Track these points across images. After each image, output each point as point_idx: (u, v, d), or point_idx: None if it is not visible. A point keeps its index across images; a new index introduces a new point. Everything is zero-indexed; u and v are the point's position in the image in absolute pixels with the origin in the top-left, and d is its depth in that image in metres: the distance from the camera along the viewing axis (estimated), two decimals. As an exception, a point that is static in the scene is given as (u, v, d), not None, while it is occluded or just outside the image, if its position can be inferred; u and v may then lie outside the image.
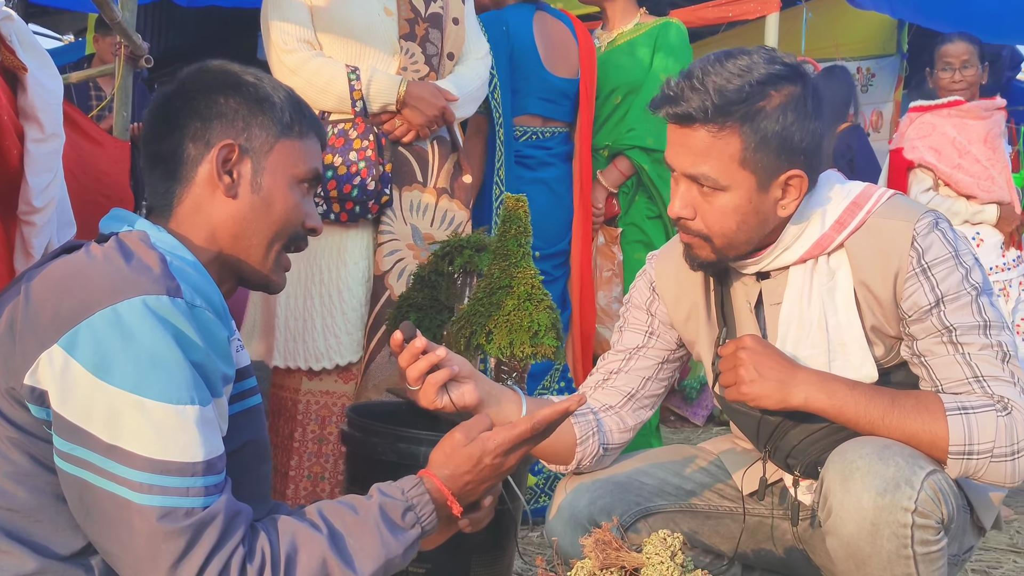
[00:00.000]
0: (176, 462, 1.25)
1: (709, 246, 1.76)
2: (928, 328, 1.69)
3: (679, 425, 5.45)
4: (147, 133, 1.54)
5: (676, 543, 1.55)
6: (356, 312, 2.71)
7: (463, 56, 2.93)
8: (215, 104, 1.50)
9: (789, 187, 1.72)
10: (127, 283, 1.28)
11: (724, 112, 1.65)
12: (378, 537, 1.38)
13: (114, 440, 1.24)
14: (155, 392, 1.25)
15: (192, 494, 1.26)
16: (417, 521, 1.44)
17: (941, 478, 1.62)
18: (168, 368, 1.26)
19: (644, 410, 2.03)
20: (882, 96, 7.67)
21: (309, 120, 1.59)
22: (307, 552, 1.33)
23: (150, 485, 1.23)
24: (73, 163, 2.62)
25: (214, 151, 1.48)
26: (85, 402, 1.24)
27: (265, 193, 1.52)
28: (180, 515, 1.24)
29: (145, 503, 1.23)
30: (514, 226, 2.22)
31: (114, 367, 1.24)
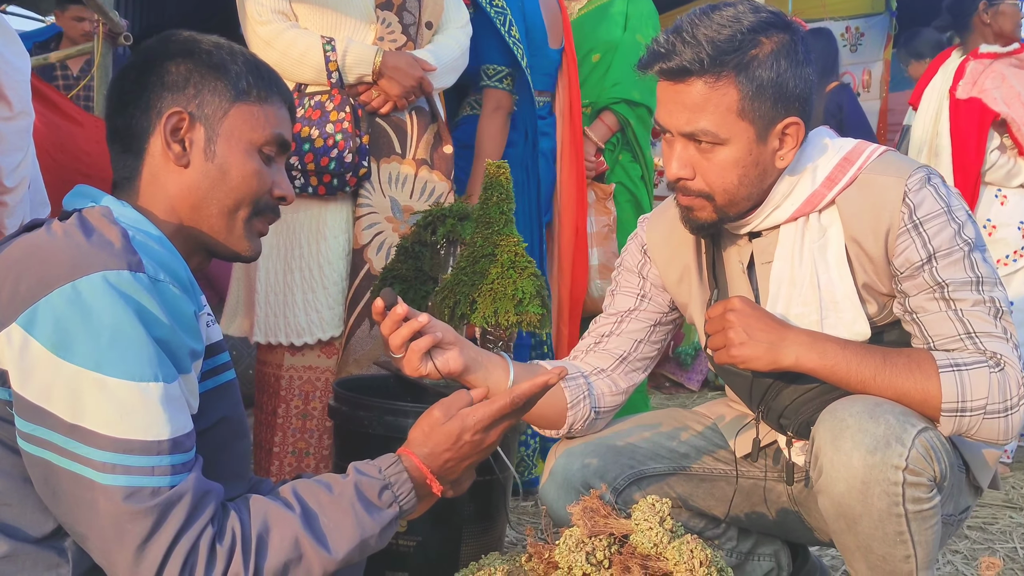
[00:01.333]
0: (140, 440, 1.22)
1: (711, 205, 1.74)
2: (920, 284, 1.67)
3: (674, 391, 5.45)
4: (107, 107, 1.52)
5: (665, 508, 1.54)
6: (337, 286, 2.68)
7: (442, 25, 2.88)
8: (166, 73, 1.46)
9: (786, 136, 1.70)
10: (87, 259, 1.24)
11: (719, 62, 1.62)
12: (353, 516, 1.35)
13: (76, 420, 1.20)
14: (117, 369, 1.21)
15: (158, 473, 1.22)
16: (395, 500, 1.41)
17: (933, 436, 1.60)
18: (130, 344, 1.23)
19: (636, 373, 2.01)
20: (872, 55, 7.62)
21: (270, 84, 1.54)
22: (279, 532, 1.30)
23: (113, 465, 1.20)
24: (49, 143, 2.60)
25: (162, 120, 1.44)
26: (45, 381, 1.21)
27: (220, 160, 1.47)
28: (146, 495, 1.21)
29: (109, 483, 1.20)
30: (496, 193, 2.19)
31: (74, 345, 1.21)
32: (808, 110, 1.71)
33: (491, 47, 3.21)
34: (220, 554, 1.25)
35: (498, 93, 3.22)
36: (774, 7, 1.78)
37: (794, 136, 1.70)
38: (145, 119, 1.45)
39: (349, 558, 1.35)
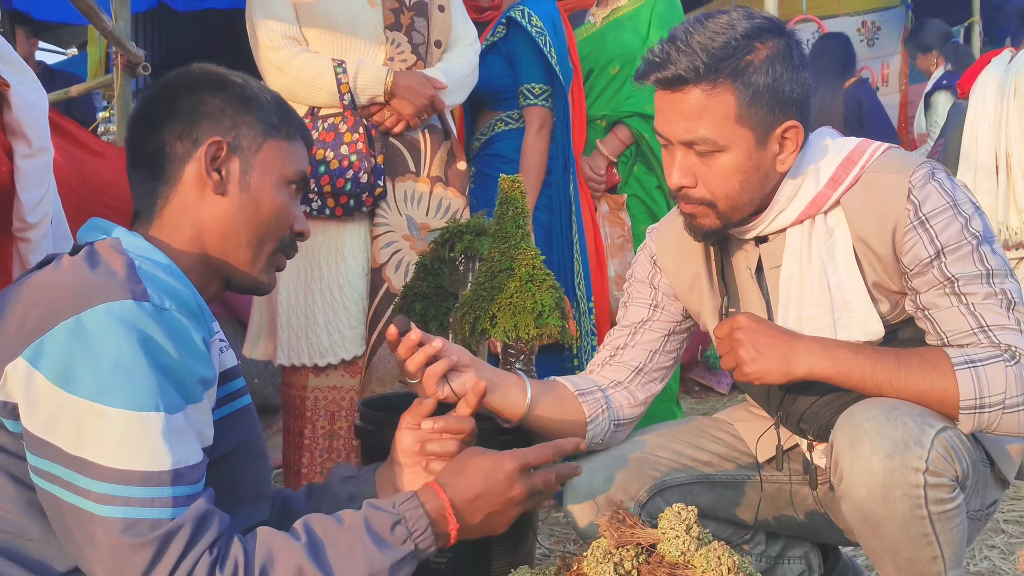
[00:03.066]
0: (140, 471, 1.21)
1: (713, 212, 1.74)
2: (930, 280, 1.66)
3: (704, 395, 5.42)
4: (131, 134, 1.53)
5: (691, 516, 1.54)
6: (357, 306, 2.70)
7: (451, 43, 2.91)
8: (202, 103, 1.49)
9: (786, 140, 1.70)
10: (90, 291, 1.26)
11: (714, 69, 1.62)
12: (361, 549, 1.32)
13: (78, 451, 1.21)
14: (117, 400, 1.21)
15: (158, 505, 1.22)
16: (409, 536, 1.37)
17: (953, 435, 1.59)
18: (131, 374, 1.23)
19: (654, 383, 2.01)
20: (889, 49, 7.59)
21: (296, 123, 1.59)
22: (283, 562, 1.28)
23: (113, 496, 1.20)
24: (71, 176, 2.62)
25: (202, 148, 1.47)
26: (49, 414, 1.22)
27: (254, 192, 1.50)
28: (145, 527, 1.20)
29: (108, 515, 1.20)
30: (511, 208, 2.20)
31: (76, 376, 1.21)
32: (806, 113, 1.71)
33: (532, 66, 3.28)
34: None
35: (543, 112, 3.29)
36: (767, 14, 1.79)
37: (794, 140, 1.70)
38: (181, 146, 1.48)
39: None
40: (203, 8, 6.87)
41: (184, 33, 7.63)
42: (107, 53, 5.34)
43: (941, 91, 5.88)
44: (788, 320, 1.76)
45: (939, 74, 6.07)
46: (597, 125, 3.68)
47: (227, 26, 6.80)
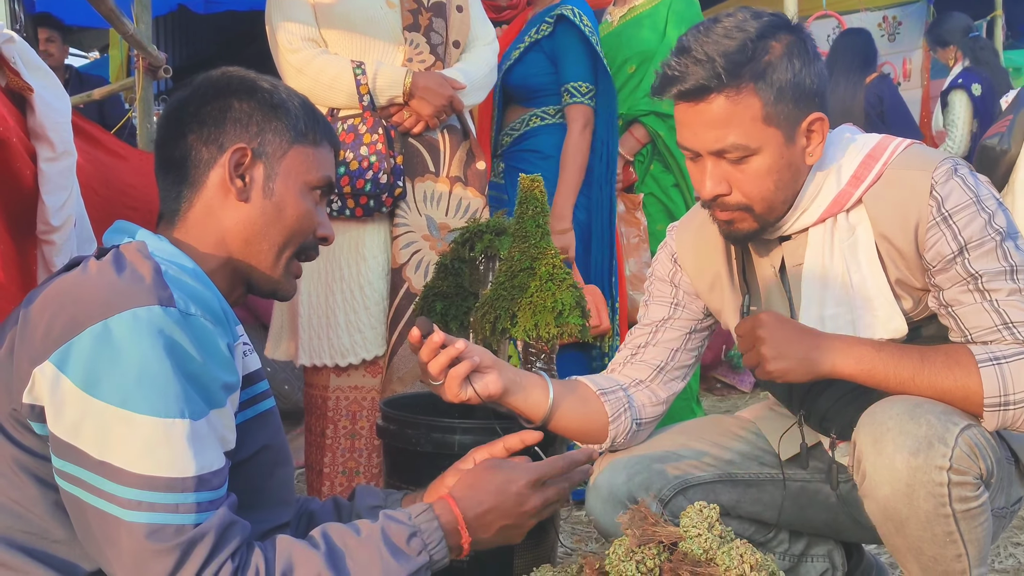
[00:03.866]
0: (165, 477, 1.22)
1: (751, 216, 1.73)
2: (953, 277, 1.65)
3: (726, 393, 5.41)
4: (159, 137, 1.54)
5: (713, 514, 1.54)
6: (379, 306, 2.71)
7: (469, 43, 2.91)
8: (229, 108, 1.50)
9: (812, 132, 1.70)
10: (117, 296, 1.26)
11: (736, 74, 1.62)
12: (379, 559, 1.33)
13: (103, 456, 1.22)
14: (143, 406, 1.22)
15: (182, 511, 1.23)
16: (424, 548, 1.38)
17: (977, 432, 1.58)
18: (157, 382, 1.23)
19: (676, 382, 2.01)
20: (910, 43, 7.54)
21: (323, 129, 1.59)
22: (302, 569, 1.29)
23: (138, 502, 1.21)
24: (94, 179, 2.64)
25: (227, 154, 1.47)
26: (75, 418, 1.23)
27: (277, 198, 1.51)
28: (169, 533, 1.21)
29: (133, 520, 1.21)
30: (531, 207, 2.20)
31: (103, 382, 1.22)
32: (826, 103, 1.71)
33: (581, 65, 3.29)
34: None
35: (588, 110, 3.30)
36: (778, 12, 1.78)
37: (820, 131, 1.70)
38: (207, 151, 1.48)
39: None
40: (223, 11, 6.91)
41: (204, 36, 7.67)
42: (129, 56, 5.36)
43: (957, 90, 5.80)
44: (810, 318, 1.75)
45: (957, 71, 5.98)
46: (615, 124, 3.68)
47: (247, 29, 6.85)
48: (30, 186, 1.85)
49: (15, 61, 1.81)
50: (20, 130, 1.83)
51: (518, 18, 3.62)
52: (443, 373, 1.69)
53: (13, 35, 1.82)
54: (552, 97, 3.35)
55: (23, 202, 1.85)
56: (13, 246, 1.83)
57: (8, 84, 1.82)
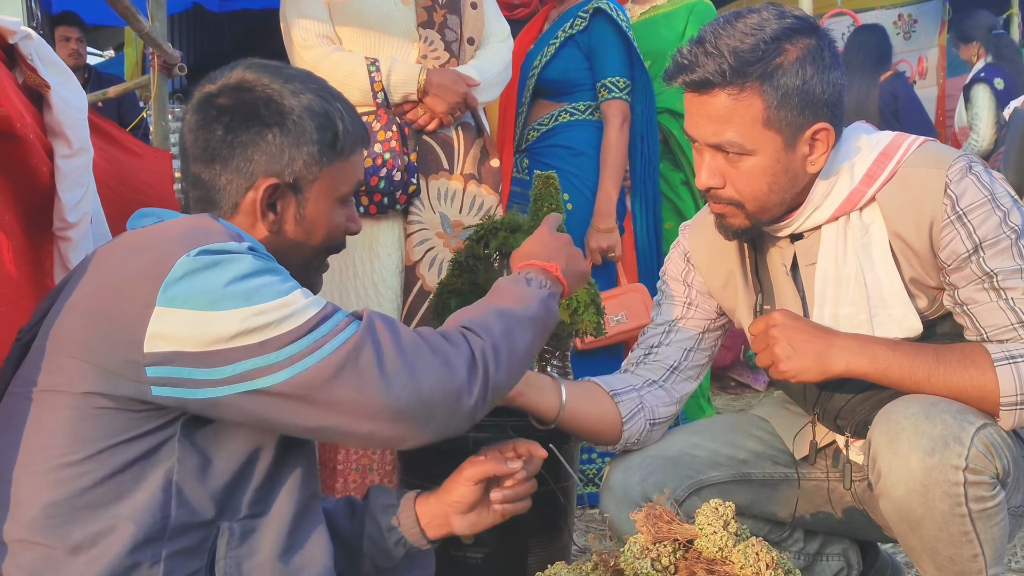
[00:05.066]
0: (313, 317, 1.33)
1: (742, 213, 1.73)
2: (968, 276, 1.64)
3: (740, 391, 5.39)
4: (192, 151, 1.53)
5: (728, 512, 1.53)
6: (392, 303, 2.71)
7: (483, 40, 2.91)
8: (262, 140, 1.49)
9: (816, 142, 1.68)
10: (194, 233, 1.35)
11: (742, 73, 1.61)
12: (518, 290, 1.55)
13: (261, 338, 1.30)
14: (264, 295, 1.31)
15: (344, 324, 1.35)
16: (540, 285, 1.59)
17: (993, 431, 1.57)
18: (264, 273, 1.34)
19: (689, 381, 2.01)
20: (926, 42, 7.50)
21: (353, 133, 1.58)
22: (477, 312, 1.49)
23: (312, 344, 1.31)
24: (110, 176, 2.65)
25: (260, 191, 1.49)
26: (217, 332, 1.29)
27: (308, 223, 1.55)
28: (351, 340, 1.33)
29: (319, 357, 1.31)
30: (546, 204, 2.19)
31: (221, 297, 1.29)
32: (838, 113, 1.69)
33: (617, 60, 3.29)
34: (455, 339, 1.42)
35: (625, 106, 3.30)
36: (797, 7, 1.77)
37: (824, 141, 1.68)
38: (237, 179, 1.50)
39: (541, 322, 1.54)
40: (238, 8, 6.93)
41: (219, 34, 7.70)
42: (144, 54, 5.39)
43: (979, 83, 5.81)
44: (824, 317, 1.74)
45: (979, 66, 5.99)
46: None
47: (261, 26, 6.86)
48: (47, 183, 1.86)
49: (32, 58, 1.82)
50: (37, 127, 1.84)
51: (539, 15, 3.62)
52: None
53: (31, 32, 1.83)
54: (585, 92, 3.34)
55: (40, 198, 1.86)
56: (27, 241, 1.84)
57: (25, 81, 1.83)
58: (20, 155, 1.76)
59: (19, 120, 1.72)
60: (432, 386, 1.35)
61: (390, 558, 1.68)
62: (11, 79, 1.78)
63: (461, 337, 1.41)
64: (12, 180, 1.78)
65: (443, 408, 1.36)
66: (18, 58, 1.81)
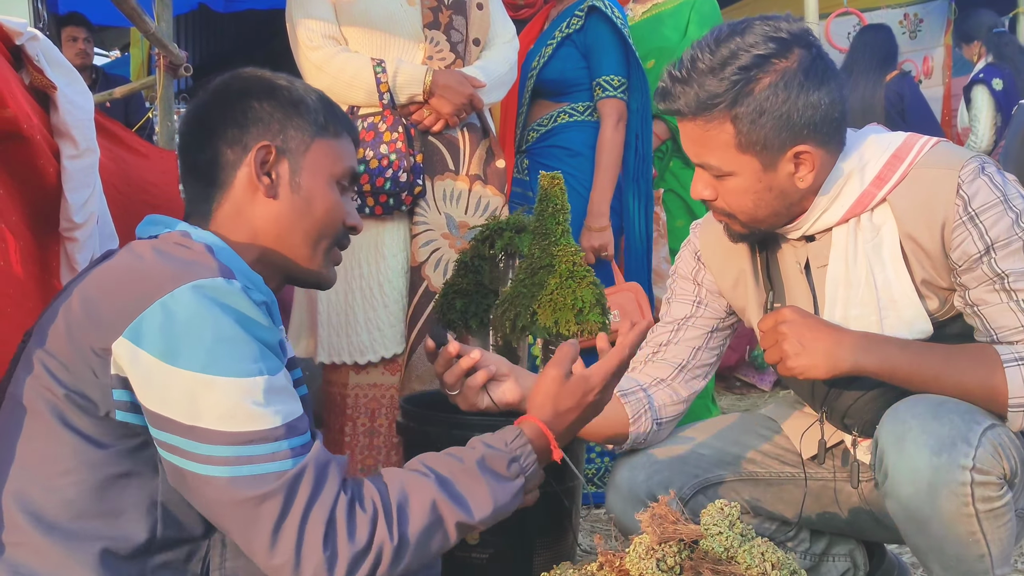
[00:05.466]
0: (256, 431, 1.27)
1: (737, 223, 1.76)
2: (979, 277, 1.63)
3: (745, 391, 5.39)
4: (183, 144, 1.57)
5: (734, 512, 1.53)
6: (397, 304, 2.71)
7: (489, 41, 2.91)
8: (250, 109, 1.53)
9: (800, 162, 1.68)
10: (181, 271, 1.31)
11: (707, 106, 1.63)
12: (485, 484, 1.41)
13: (193, 421, 1.26)
14: (223, 369, 1.27)
15: (279, 458, 1.28)
16: (521, 472, 1.46)
17: (1001, 432, 1.57)
18: (233, 344, 1.29)
19: (697, 380, 2.00)
20: (932, 41, 7.49)
21: (342, 121, 1.62)
22: (418, 497, 1.35)
23: (236, 457, 1.26)
24: (116, 177, 2.65)
25: (252, 153, 1.50)
26: (160, 389, 1.27)
27: (305, 192, 1.54)
28: (271, 480, 1.26)
29: (234, 474, 1.26)
30: (551, 204, 2.20)
31: (181, 351, 1.27)
32: (826, 131, 1.66)
33: (613, 58, 3.28)
34: (362, 521, 1.30)
35: (621, 104, 3.28)
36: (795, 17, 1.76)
37: (809, 161, 1.67)
38: (232, 152, 1.51)
39: (485, 523, 1.41)
40: (243, 9, 6.94)
41: (225, 34, 7.70)
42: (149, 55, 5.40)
43: (978, 84, 5.81)
44: (835, 319, 1.74)
45: (980, 67, 5.98)
46: None
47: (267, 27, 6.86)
48: (53, 183, 1.86)
49: (39, 59, 1.82)
50: (43, 127, 1.84)
51: (540, 14, 3.61)
52: (459, 383, 1.70)
53: (37, 33, 1.83)
54: (584, 92, 3.33)
55: (46, 199, 1.87)
56: (33, 242, 1.84)
57: (32, 82, 1.83)
58: (27, 156, 1.76)
59: (26, 121, 1.72)
60: (307, 570, 1.27)
61: None
62: (18, 80, 1.79)
63: (368, 526, 1.31)
64: (19, 181, 1.79)
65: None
66: (25, 59, 1.81)
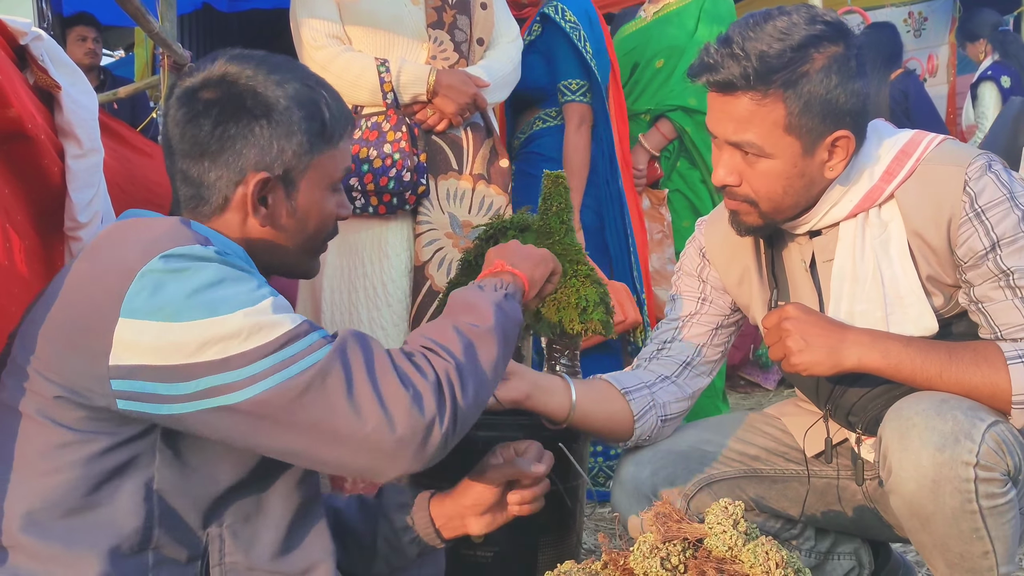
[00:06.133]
0: (285, 333, 1.28)
1: (756, 211, 1.74)
2: (985, 273, 1.63)
3: (750, 390, 5.38)
4: (178, 149, 1.48)
5: (738, 511, 1.53)
6: (401, 303, 2.71)
7: (493, 41, 2.91)
8: (250, 134, 1.45)
9: (836, 148, 1.68)
10: (157, 240, 1.31)
11: (766, 79, 1.61)
12: (481, 297, 1.49)
13: (227, 352, 1.26)
14: (230, 306, 1.27)
15: (318, 347, 1.28)
16: (497, 287, 1.55)
17: (1004, 429, 1.57)
18: (228, 282, 1.29)
19: (702, 377, 2.00)
20: (936, 39, 7.48)
21: (340, 120, 1.54)
22: (439, 333, 1.40)
23: (280, 362, 1.26)
24: (120, 176, 2.66)
25: (250, 186, 1.45)
26: (183, 344, 1.25)
27: (301, 214, 1.51)
28: (321, 362, 1.27)
29: (285, 376, 1.26)
30: (555, 203, 2.19)
31: (182, 308, 1.26)
32: (861, 122, 1.69)
33: (569, 63, 3.29)
34: (420, 360, 1.33)
35: (582, 107, 3.29)
36: (830, 10, 1.76)
37: (844, 148, 1.68)
38: (226, 175, 1.46)
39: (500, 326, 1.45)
40: (247, 9, 6.94)
41: (229, 34, 7.69)
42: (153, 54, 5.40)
43: (986, 81, 5.83)
44: (840, 314, 1.74)
45: (986, 64, 6.01)
46: (641, 119, 3.67)
47: (271, 26, 6.87)
48: (58, 183, 1.86)
49: (43, 59, 1.82)
50: (48, 127, 1.84)
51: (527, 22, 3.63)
52: None
53: (41, 33, 1.83)
54: (554, 98, 3.35)
55: (51, 198, 1.87)
56: (39, 241, 1.84)
57: (36, 81, 1.84)
58: (31, 155, 1.77)
59: (30, 121, 1.72)
60: (402, 419, 1.28)
61: (404, 557, 1.68)
62: (22, 80, 1.79)
63: (427, 362, 1.34)
64: (24, 180, 1.79)
65: (413, 443, 1.29)
66: (29, 59, 1.82)
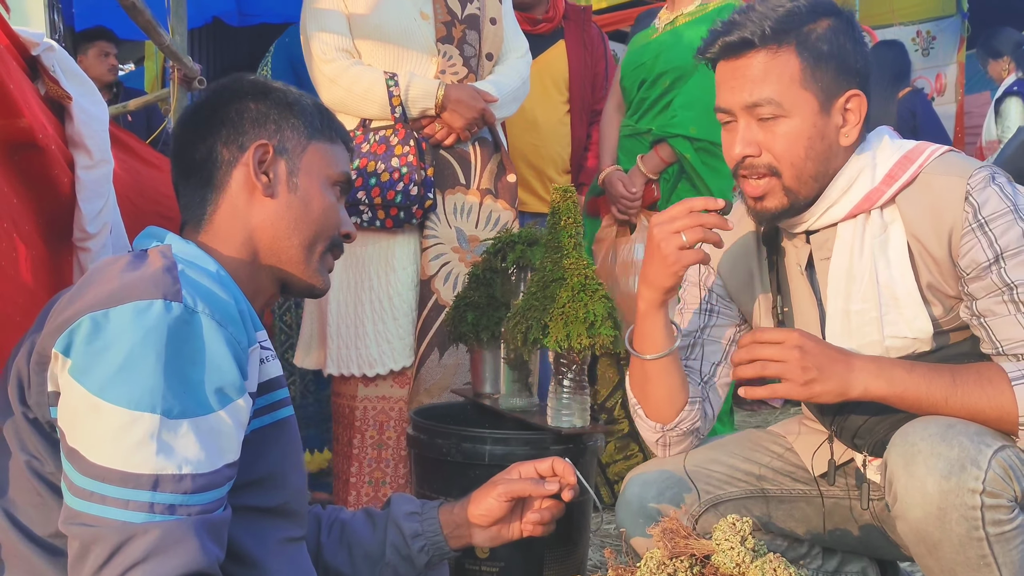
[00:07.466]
0: (118, 471, 1.16)
1: (780, 186, 1.72)
2: (987, 286, 1.62)
3: (756, 408, 5.37)
4: (178, 144, 1.56)
5: (746, 527, 1.52)
6: (407, 317, 2.72)
7: (502, 56, 2.92)
8: (246, 109, 1.53)
9: (849, 111, 1.71)
10: (124, 288, 1.23)
11: (780, 32, 1.67)
12: None
13: (73, 443, 1.19)
14: (116, 396, 1.17)
15: (132, 508, 1.16)
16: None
17: (1011, 453, 1.55)
18: (136, 374, 1.18)
19: (716, 397, 1.98)
20: (944, 59, 7.48)
21: (336, 127, 1.62)
22: None
23: (90, 492, 1.16)
24: (129, 188, 2.67)
25: (249, 152, 1.50)
26: (65, 401, 1.21)
27: (302, 193, 1.53)
28: (113, 527, 1.15)
29: (81, 509, 1.17)
30: (564, 217, 2.19)
31: (90, 369, 1.19)
32: (868, 88, 1.73)
33: None
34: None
35: None
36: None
37: (856, 111, 1.71)
38: (228, 152, 1.50)
39: None
40: (257, 23, 6.97)
41: (238, 48, 7.72)
42: (164, 68, 5.43)
43: (1012, 97, 5.88)
44: (836, 312, 1.74)
45: (1010, 80, 6.06)
46: (643, 139, 3.60)
47: (280, 41, 6.90)
48: (67, 193, 1.87)
49: (54, 69, 1.83)
50: (58, 138, 1.85)
51: None
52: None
53: (53, 44, 1.84)
54: None
55: (60, 209, 1.87)
56: (46, 251, 1.85)
57: (47, 92, 1.84)
58: (42, 166, 1.77)
59: (41, 131, 1.73)
60: None
61: (413, 566, 1.68)
62: (33, 90, 1.80)
63: None
64: (33, 191, 1.79)
65: None
66: (40, 70, 1.82)
